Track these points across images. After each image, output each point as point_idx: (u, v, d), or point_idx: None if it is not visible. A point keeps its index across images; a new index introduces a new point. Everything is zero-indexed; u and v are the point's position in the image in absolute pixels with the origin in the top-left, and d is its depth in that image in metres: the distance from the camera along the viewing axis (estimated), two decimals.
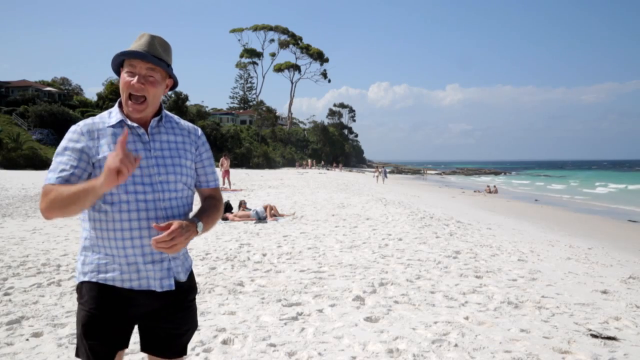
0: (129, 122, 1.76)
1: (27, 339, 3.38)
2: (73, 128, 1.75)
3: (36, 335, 3.46)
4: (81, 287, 1.79)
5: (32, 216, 10.10)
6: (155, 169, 1.75)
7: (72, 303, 4.14)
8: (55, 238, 7.45)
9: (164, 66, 1.76)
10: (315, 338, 3.50)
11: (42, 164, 34.65)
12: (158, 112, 1.84)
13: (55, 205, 1.63)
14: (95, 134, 1.73)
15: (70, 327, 3.59)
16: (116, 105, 1.81)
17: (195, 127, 1.95)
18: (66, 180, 1.67)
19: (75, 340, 1.82)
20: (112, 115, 1.78)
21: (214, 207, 1.91)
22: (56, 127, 45.47)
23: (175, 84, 1.85)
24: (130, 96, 1.73)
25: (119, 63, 1.77)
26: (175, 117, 1.92)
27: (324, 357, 3.19)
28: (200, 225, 1.76)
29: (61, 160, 1.70)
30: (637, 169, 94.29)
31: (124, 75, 1.73)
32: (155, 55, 1.74)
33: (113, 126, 1.75)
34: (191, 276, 1.93)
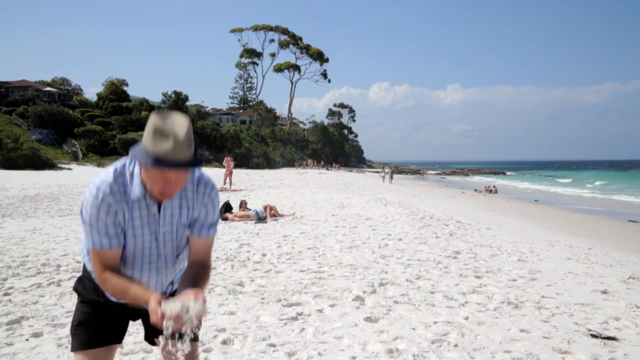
0: (148, 200, 1.68)
1: (27, 339, 3.38)
2: (95, 193, 1.61)
3: (36, 335, 3.46)
4: (82, 281, 1.89)
5: (32, 216, 10.09)
6: (162, 244, 1.77)
7: (71, 303, 4.13)
8: (55, 238, 7.45)
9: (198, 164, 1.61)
10: (315, 338, 3.50)
11: (42, 164, 34.58)
12: None
13: (113, 292, 1.68)
14: (116, 199, 1.64)
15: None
16: (138, 174, 1.66)
17: (199, 182, 1.76)
18: (117, 238, 1.67)
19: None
20: (135, 184, 1.65)
21: (203, 277, 1.82)
22: (56, 127, 45.46)
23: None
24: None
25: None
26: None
27: (324, 357, 3.19)
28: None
29: (99, 228, 1.63)
30: (637, 169, 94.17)
31: (154, 174, 1.57)
32: (190, 160, 1.55)
33: (134, 200, 1.67)
34: None
